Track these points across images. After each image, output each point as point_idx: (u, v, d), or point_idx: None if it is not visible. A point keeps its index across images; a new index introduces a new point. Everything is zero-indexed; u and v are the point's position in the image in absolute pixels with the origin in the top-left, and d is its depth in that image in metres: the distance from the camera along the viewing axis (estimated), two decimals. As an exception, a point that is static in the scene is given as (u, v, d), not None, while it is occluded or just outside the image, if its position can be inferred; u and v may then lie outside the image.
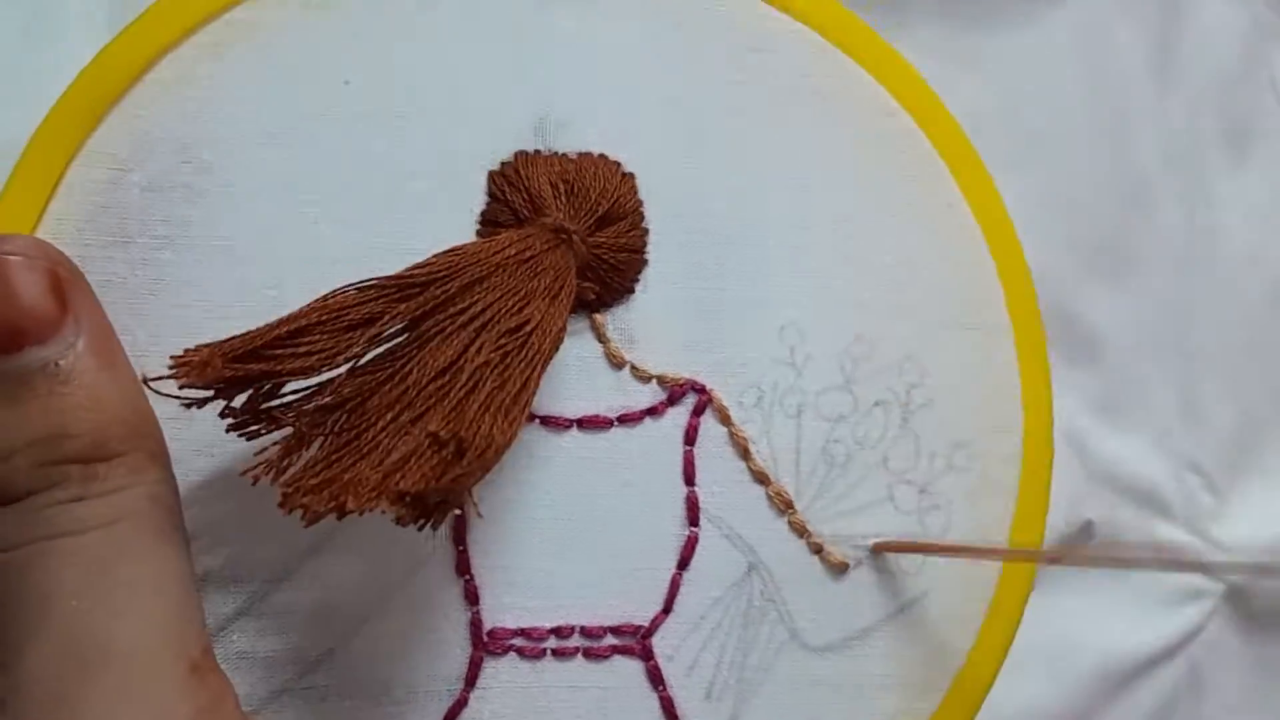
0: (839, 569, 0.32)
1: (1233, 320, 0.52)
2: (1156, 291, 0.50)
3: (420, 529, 0.26)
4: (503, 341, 0.27)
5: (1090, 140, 0.49)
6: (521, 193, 0.30)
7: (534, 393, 0.28)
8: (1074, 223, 0.49)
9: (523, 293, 0.28)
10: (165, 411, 0.28)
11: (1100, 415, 0.49)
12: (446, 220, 0.31)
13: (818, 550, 0.32)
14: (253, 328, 0.27)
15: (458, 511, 0.30)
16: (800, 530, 0.32)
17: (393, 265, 0.28)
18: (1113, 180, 0.50)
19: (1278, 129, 0.52)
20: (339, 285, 0.27)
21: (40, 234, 0.29)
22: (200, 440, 0.29)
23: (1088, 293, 0.49)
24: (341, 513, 0.25)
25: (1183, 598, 0.51)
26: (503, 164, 0.31)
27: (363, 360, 0.27)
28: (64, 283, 0.27)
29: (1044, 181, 0.48)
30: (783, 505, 0.32)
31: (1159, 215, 0.51)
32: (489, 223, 0.31)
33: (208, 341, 0.26)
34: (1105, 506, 0.49)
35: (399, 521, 0.25)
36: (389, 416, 0.26)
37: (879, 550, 0.32)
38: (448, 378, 0.27)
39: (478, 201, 0.31)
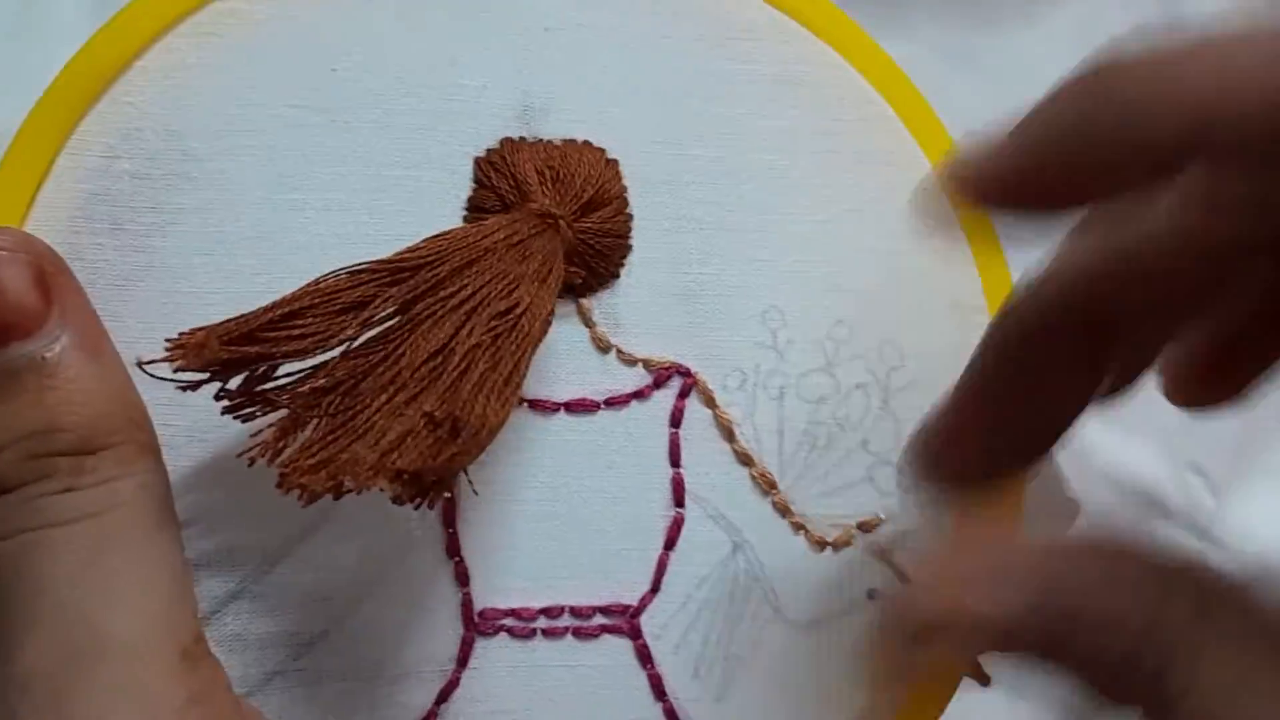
0: (821, 548, 0.33)
1: None
2: None
3: (416, 508, 0.26)
4: (494, 324, 0.28)
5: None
6: (507, 179, 0.31)
7: (525, 374, 0.28)
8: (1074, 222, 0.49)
9: (512, 276, 0.29)
10: (155, 398, 0.28)
11: (1100, 416, 0.50)
12: (435, 207, 0.31)
13: (800, 529, 0.33)
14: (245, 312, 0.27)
15: (448, 494, 0.31)
16: (783, 510, 0.32)
17: (382, 252, 0.28)
18: None
19: None
20: (329, 271, 0.28)
21: (30, 222, 0.29)
22: (192, 427, 0.29)
23: None
24: (339, 492, 0.25)
25: None
26: (489, 151, 0.31)
27: (356, 343, 0.27)
28: (48, 276, 0.27)
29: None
30: (766, 486, 0.32)
31: None
32: (476, 209, 0.31)
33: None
34: (1105, 507, 0.49)
35: (396, 500, 0.26)
36: (383, 398, 0.26)
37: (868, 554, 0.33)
38: (440, 359, 0.27)
39: (465, 188, 0.31)
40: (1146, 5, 0.50)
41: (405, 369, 0.27)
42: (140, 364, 0.27)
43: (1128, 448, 0.49)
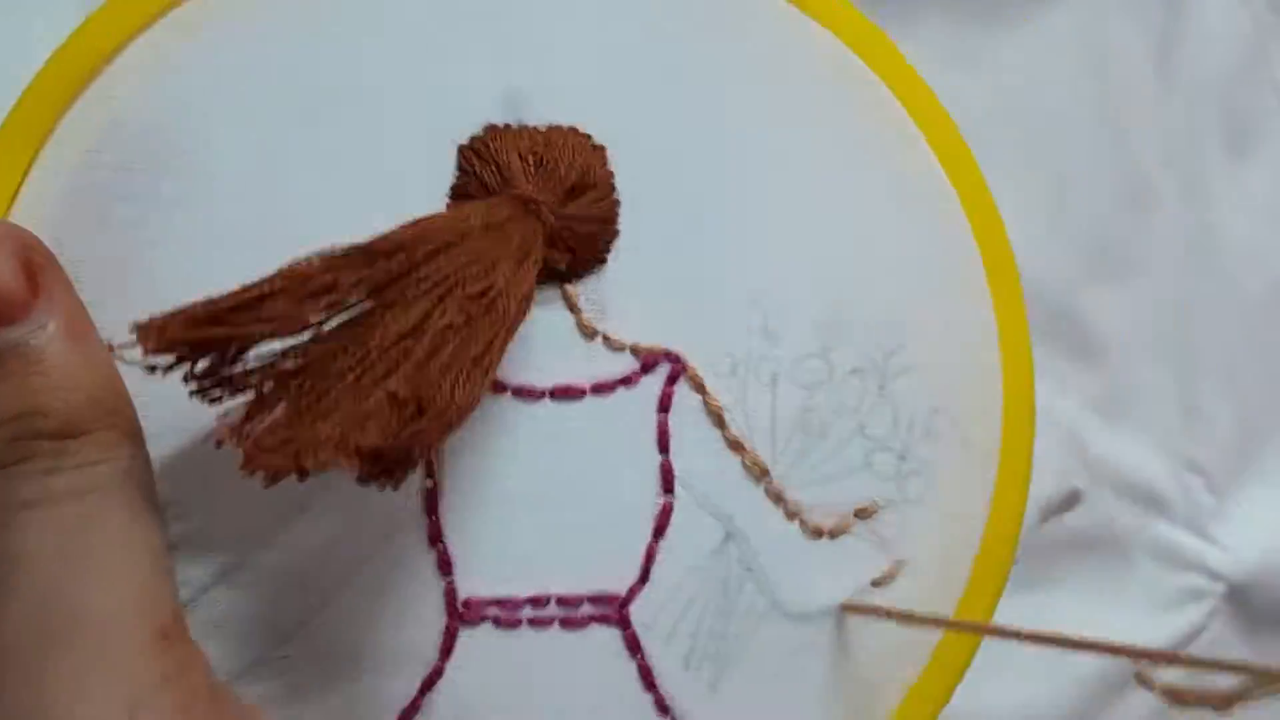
0: (816, 536, 0.32)
1: (1233, 320, 0.52)
2: (1157, 291, 0.50)
3: (381, 488, 0.26)
4: (468, 305, 0.28)
5: (1090, 140, 0.49)
6: (491, 166, 0.31)
7: (500, 356, 0.28)
8: (1074, 223, 0.49)
9: (489, 259, 0.28)
10: (138, 388, 0.28)
11: (1101, 415, 0.49)
12: (419, 197, 0.31)
13: (794, 517, 0.32)
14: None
15: (430, 482, 0.30)
16: (776, 498, 0.32)
17: (367, 242, 0.28)
18: (1113, 180, 0.49)
19: (1278, 128, 0.52)
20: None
21: (14, 216, 0.29)
22: (173, 415, 0.29)
23: (1088, 293, 0.49)
24: (302, 471, 0.25)
25: (1183, 598, 0.51)
26: (472, 138, 0.31)
27: (328, 327, 0.27)
28: (35, 265, 0.28)
29: (1044, 181, 0.48)
30: (758, 473, 0.32)
31: (1159, 215, 0.51)
32: (460, 196, 0.31)
33: (177, 314, 0.27)
34: (1104, 506, 0.49)
35: (360, 480, 0.25)
36: (350, 379, 0.26)
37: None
38: (410, 341, 0.27)
39: (451, 177, 0.31)
40: (1146, 5, 0.49)
41: (374, 350, 0.27)
42: (113, 349, 0.27)
43: (1128, 447, 0.49)
